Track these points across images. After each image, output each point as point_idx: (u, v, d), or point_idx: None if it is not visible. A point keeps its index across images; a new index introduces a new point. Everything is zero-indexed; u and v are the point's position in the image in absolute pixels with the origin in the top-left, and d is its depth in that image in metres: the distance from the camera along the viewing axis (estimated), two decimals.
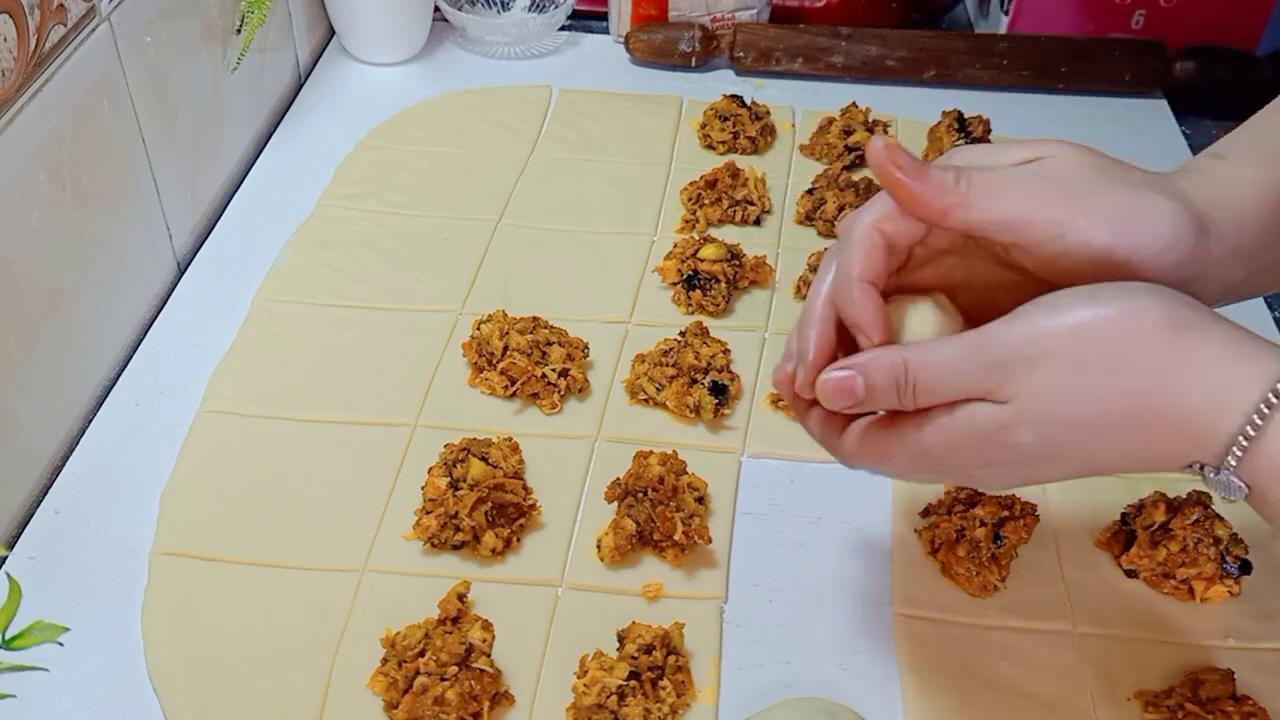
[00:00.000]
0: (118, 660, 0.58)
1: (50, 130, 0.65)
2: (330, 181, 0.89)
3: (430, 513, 0.62)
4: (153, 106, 0.76)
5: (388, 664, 0.56)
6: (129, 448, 0.69)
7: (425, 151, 0.92)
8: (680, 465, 0.64)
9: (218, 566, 0.62)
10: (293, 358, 0.74)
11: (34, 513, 0.65)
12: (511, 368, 0.70)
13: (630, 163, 0.92)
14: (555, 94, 1.00)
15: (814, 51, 1.01)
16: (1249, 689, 0.56)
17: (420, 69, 1.03)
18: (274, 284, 0.79)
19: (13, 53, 0.61)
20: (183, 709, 0.56)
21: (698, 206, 0.86)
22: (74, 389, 0.71)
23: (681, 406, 0.70)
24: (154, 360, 0.74)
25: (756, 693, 0.57)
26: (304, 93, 0.99)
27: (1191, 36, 1.00)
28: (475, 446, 0.65)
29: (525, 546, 0.63)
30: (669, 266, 0.79)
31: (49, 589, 0.61)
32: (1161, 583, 0.62)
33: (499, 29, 1.03)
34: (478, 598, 0.60)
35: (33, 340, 0.65)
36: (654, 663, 0.55)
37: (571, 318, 0.75)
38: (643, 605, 0.61)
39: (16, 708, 0.56)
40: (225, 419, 0.70)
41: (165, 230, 0.80)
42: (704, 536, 0.62)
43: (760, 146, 0.93)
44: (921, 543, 0.64)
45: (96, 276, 0.71)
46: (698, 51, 1.02)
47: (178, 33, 0.78)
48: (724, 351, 0.72)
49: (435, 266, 0.81)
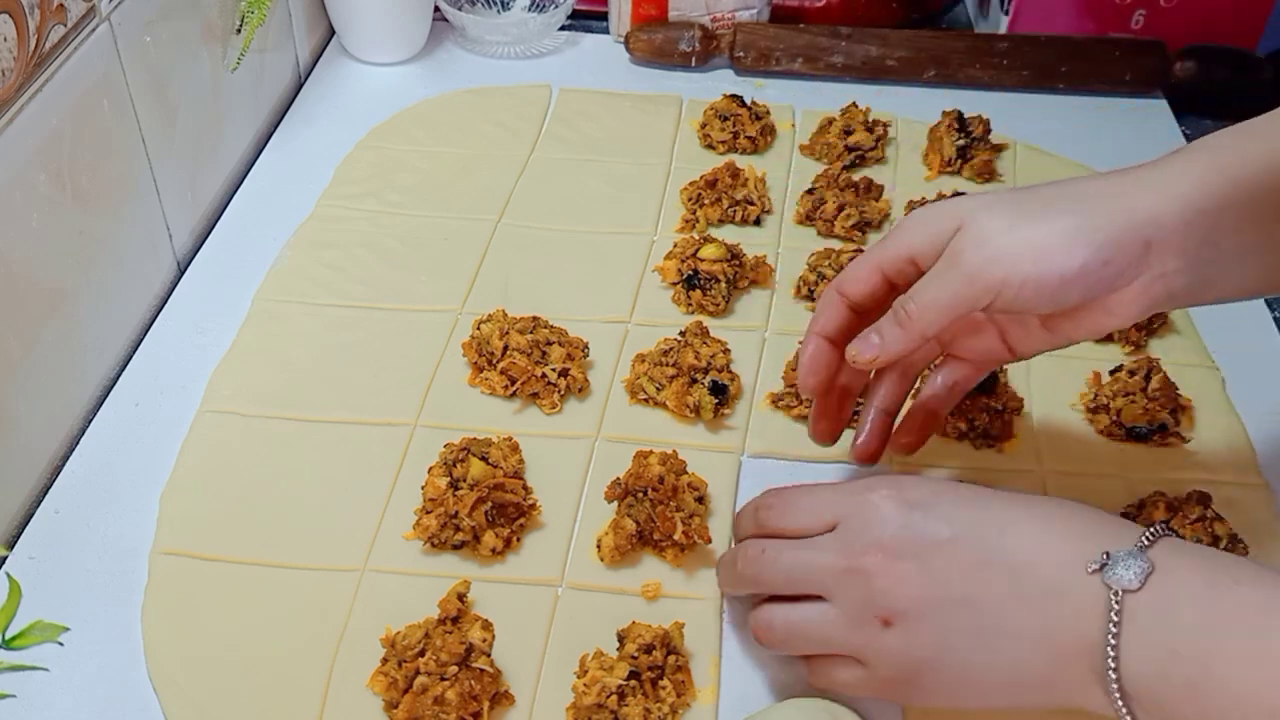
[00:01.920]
0: (118, 660, 0.58)
1: (50, 130, 0.65)
2: (330, 181, 0.89)
3: (430, 513, 0.62)
4: (153, 106, 0.76)
5: (388, 664, 0.56)
6: (129, 448, 0.69)
7: (425, 151, 0.92)
8: (680, 465, 0.64)
9: (218, 566, 0.62)
10: (293, 358, 0.74)
11: (34, 513, 0.65)
12: (511, 368, 0.70)
13: (630, 163, 0.92)
14: (555, 94, 1.00)
15: (814, 51, 1.01)
16: None
17: (420, 69, 1.03)
18: (274, 284, 0.79)
19: (13, 53, 0.61)
20: (183, 709, 0.56)
21: (698, 206, 0.86)
22: (74, 389, 0.71)
23: (681, 406, 0.70)
24: (154, 360, 0.74)
25: (756, 693, 0.57)
26: (304, 93, 0.99)
27: (1191, 36, 1.00)
28: (475, 446, 0.65)
29: (525, 546, 0.63)
30: (669, 266, 0.79)
31: (49, 589, 0.61)
32: None
33: (499, 29, 1.03)
34: (478, 598, 0.60)
35: (33, 340, 0.65)
36: (654, 663, 0.55)
37: (571, 318, 0.75)
38: (642, 605, 0.61)
39: (16, 708, 0.56)
40: (225, 419, 0.70)
41: (165, 230, 0.80)
42: (704, 536, 0.62)
43: (760, 146, 0.93)
44: None
45: (96, 276, 0.71)
46: (698, 51, 1.02)
47: (178, 33, 0.78)
48: (724, 351, 0.72)
49: (435, 266, 0.81)
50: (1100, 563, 0.45)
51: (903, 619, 0.49)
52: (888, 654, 0.49)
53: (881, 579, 0.49)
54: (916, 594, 0.48)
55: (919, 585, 0.48)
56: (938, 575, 0.48)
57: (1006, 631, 0.47)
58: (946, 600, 0.48)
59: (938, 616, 0.48)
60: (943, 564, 0.48)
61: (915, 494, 0.51)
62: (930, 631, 0.48)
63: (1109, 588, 0.45)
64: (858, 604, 0.50)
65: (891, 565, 0.49)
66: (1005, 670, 0.48)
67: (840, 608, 0.51)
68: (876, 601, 0.49)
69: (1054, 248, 0.51)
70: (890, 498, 0.51)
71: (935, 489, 0.52)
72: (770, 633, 0.54)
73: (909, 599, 0.48)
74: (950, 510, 0.50)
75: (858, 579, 0.50)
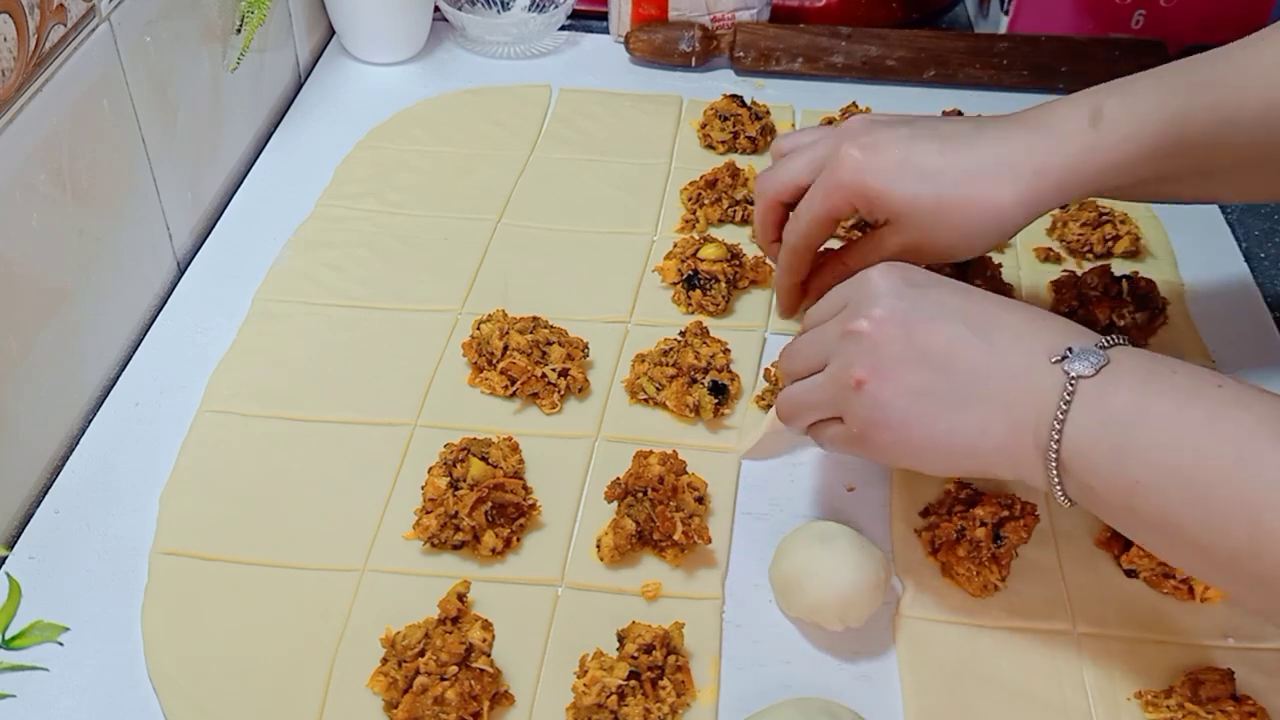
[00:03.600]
0: (118, 660, 0.58)
1: (50, 130, 0.65)
2: (330, 181, 0.89)
3: (430, 512, 0.62)
4: (153, 106, 0.76)
5: (388, 664, 0.56)
6: (129, 448, 0.69)
7: (425, 151, 0.92)
8: (680, 465, 0.64)
9: (218, 566, 0.62)
10: (293, 357, 0.74)
11: (34, 513, 0.65)
12: (511, 367, 0.70)
13: (630, 163, 0.92)
14: (555, 94, 1.00)
15: (814, 51, 1.01)
16: (1248, 688, 0.57)
17: (420, 69, 1.03)
18: (274, 284, 0.79)
19: (13, 53, 0.61)
20: (183, 709, 0.56)
21: (698, 206, 0.86)
22: (74, 389, 0.71)
23: (681, 406, 0.70)
24: (154, 360, 0.74)
25: (756, 693, 0.57)
26: (304, 93, 0.99)
27: (1191, 36, 1.00)
28: (475, 446, 0.65)
29: (525, 546, 0.63)
30: (669, 266, 0.79)
31: (49, 589, 0.61)
32: (1161, 582, 0.62)
33: (499, 29, 1.03)
34: (478, 597, 0.60)
35: (33, 340, 0.65)
36: (654, 663, 0.55)
37: (571, 318, 0.75)
38: (642, 605, 0.61)
39: (16, 708, 0.56)
40: (225, 419, 0.70)
41: (165, 230, 0.80)
42: (704, 536, 0.62)
43: (760, 146, 0.93)
44: (921, 543, 0.64)
45: (96, 276, 0.71)
46: (698, 51, 1.02)
47: (178, 33, 0.78)
48: (724, 351, 0.72)
49: (435, 266, 0.81)
50: (1063, 355, 0.52)
51: (878, 375, 0.54)
52: (861, 406, 0.55)
53: (869, 339, 0.55)
54: (897, 353, 0.54)
55: (900, 347, 0.54)
56: (918, 341, 0.54)
57: (976, 398, 0.53)
58: (923, 363, 0.54)
59: (912, 375, 0.54)
60: (925, 333, 0.54)
61: (914, 275, 0.57)
62: (901, 389, 0.54)
63: (1066, 374, 0.51)
64: (843, 364, 0.56)
65: (880, 329, 0.55)
66: (969, 433, 0.53)
67: (828, 373, 0.57)
68: (858, 361, 0.55)
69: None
70: (888, 274, 0.57)
71: (932, 276, 0.57)
72: (780, 409, 0.61)
73: (888, 357, 0.54)
74: (942, 295, 0.56)
75: (849, 340, 0.56)
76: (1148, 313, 0.75)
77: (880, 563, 0.59)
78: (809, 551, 0.59)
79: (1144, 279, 0.76)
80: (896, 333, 0.54)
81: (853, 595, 0.58)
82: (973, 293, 0.57)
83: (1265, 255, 0.86)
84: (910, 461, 0.56)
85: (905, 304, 0.55)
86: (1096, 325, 0.74)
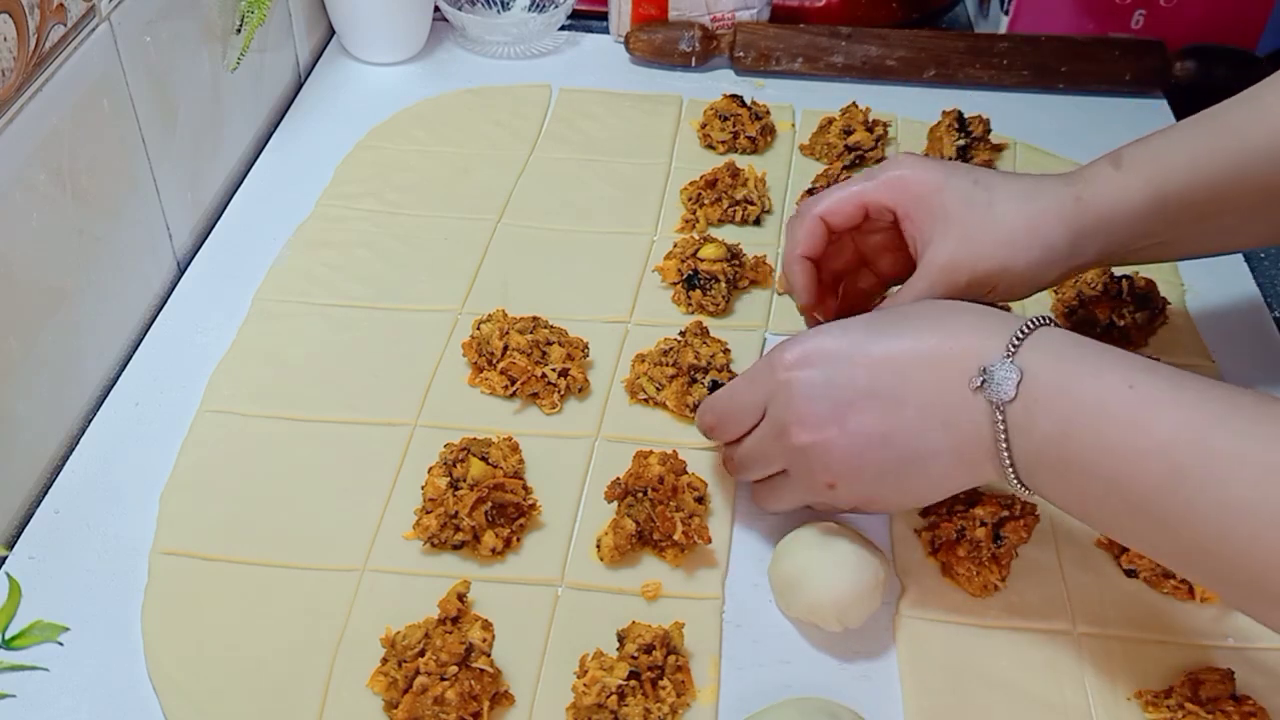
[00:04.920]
0: (118, 660, 0.58)
1: (50, 130, 0.65)
2: (330, 181, 0.89)
3: (430, 512, 0.62)
4: (153, 106, 0.76)
5: (388, 664, 0.56)
6: (129, 448, 0.69)
7: (425, 151, 0.92)
8: (680, 465, 0.64)
9: (218, 566, 0.62)
10: (293, 357, 0.74)
11: (34, 513, 0.65)
12: (511, 367, 0.70)
13: (630, 163, 0.92)
14: (555, 94, 1.00)
15: (814, 51, 1.01)
16: (1248, 688, 0.57)
17: (420, 69, 1.03)
18: (274, 284, 0.79)
19: (13, 52, 0.61)
20: (183, 709, 0.56)
21: (698, 206, 0.86)
22: (74, 389, 0.71)
23: (681, 406, 0.70)
24: (154, 360, 0.74)
25: (756, 693, 0.57)
26: (304, 93, 0.99)
27: (1191, 36, 1.00)
28: (475, 446, 0.65)
29: (525, 546, 0.63)
30: (669, 266, 0.79)
31: (49, 589, 0.61)
32: (1161, 582, 0.62)
33: (499, 29, 1.03)
34: (478, 597, 0.60)
35: (33, 340, 0.65)
36: (654, 663, 0.55)
37: (571, 318, 0.75)
38: (642, 605, 0.61)
39: (16, 708, 0.56)
40: (225, 419, 0.70)
41: (165, 230, 0.80)
42: (704, 536, 0.62)
43: (760, 146, 0.93)
44: (921, 543, 0.64)
45: (96, 276, 0.71)
46: (698, 51, 1.02)
47: (178, 33, 0.78)
48: (724, 351, 0.72)
49: (435, 266, 0.81)
50: (981, 379, 0.52)
51: (842, 479, 0.57)
52: (840, 500, 0.59)
53: (817, 448, 0.57)
54: (844, 455, 0.56)
55: (844, 448, 0.56)
56: (856, 433, 0.56)
57: (927, 454, 0.55)
58: (869, 450, 0.56)
59: (870, 464, 0.56)
60: (857, 420, 0.56)
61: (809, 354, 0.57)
62: (869, 477, 0.57)
63: (991, 403, 0.52)
64: (805, 473, 0.58)
65: (818, 435, 0.56)
66: (940, 483, 0.57)
67: (796, 481, 0.60)
68: (818, 472, 0.57)
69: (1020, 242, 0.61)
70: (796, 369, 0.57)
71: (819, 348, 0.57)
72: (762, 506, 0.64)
73: (840, 462, 0.57)
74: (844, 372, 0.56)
75: (798, 454, 0.58)
76: (1148, 313, 0.75)
77: (880, 563, 0.59)
78: (808, 552, 0.59)
79: (1144, 279, 0.76)
80: (835, 435, 0.56)
81: (852, 596, 0.58)
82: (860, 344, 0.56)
83: (1265, 255, 0.86)
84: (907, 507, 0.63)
85: (826, 402, 0.56)
86: (1096, 325, 0.74)
